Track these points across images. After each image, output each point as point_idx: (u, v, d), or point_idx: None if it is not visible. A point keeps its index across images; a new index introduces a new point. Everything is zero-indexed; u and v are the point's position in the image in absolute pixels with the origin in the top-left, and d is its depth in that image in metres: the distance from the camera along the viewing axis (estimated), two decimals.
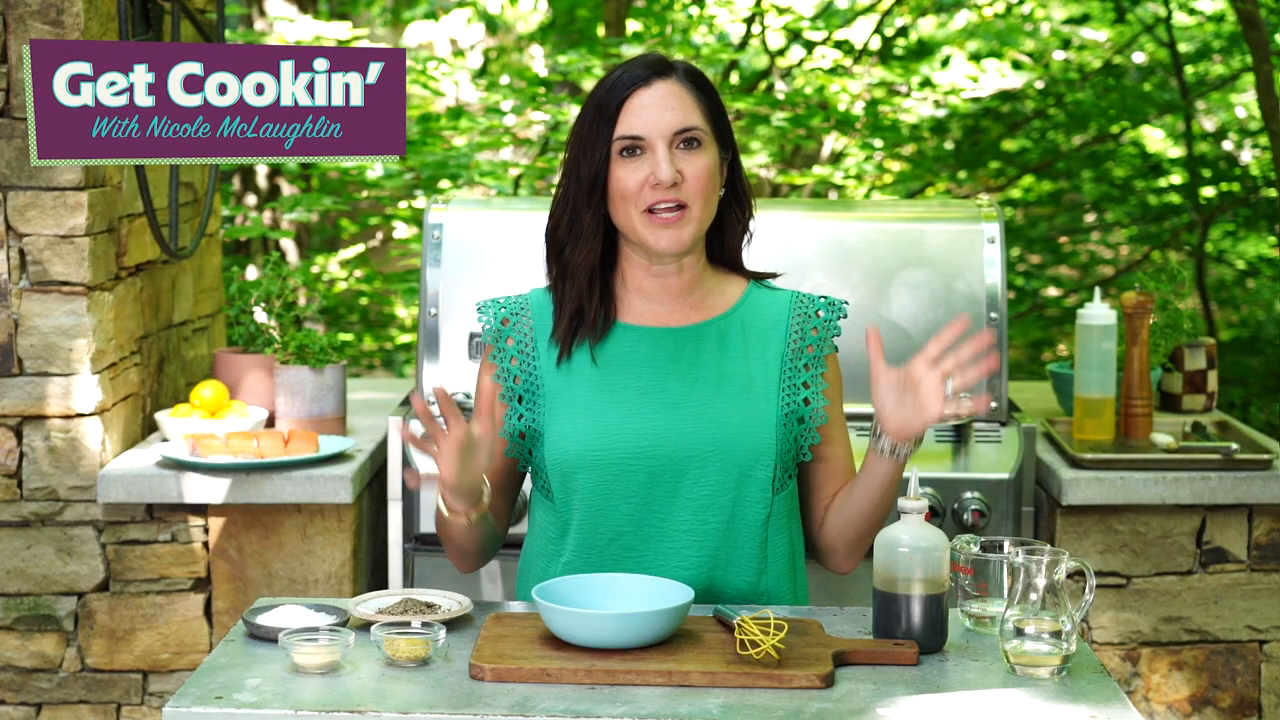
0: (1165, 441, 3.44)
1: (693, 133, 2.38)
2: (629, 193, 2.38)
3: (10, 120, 3.25)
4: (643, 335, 2.46)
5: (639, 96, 2.38)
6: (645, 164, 2.38)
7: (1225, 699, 3.42)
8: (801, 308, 2.50)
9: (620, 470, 2.40)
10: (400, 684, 2.07)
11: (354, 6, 9.18)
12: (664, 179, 2.35)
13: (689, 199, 2.38)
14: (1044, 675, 2.11)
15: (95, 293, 3.32)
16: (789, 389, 2.45)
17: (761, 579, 2.44)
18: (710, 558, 2.41)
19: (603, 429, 2.41)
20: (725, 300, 2.50)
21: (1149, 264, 7.65)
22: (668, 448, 2.39)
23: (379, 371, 7.99)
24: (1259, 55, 6.16)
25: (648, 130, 2.37)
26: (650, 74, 2.40)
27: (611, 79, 2.41)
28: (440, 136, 6.64)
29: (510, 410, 2.47)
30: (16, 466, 3.33)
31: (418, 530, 3.34)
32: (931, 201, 4.45)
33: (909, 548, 2.17)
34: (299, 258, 8.03)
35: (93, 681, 3.38)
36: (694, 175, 2.38)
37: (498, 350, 2.50)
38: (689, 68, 2.44)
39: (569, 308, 2.45)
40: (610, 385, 2.43)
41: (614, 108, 2.38)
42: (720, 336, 2.46)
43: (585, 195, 2.40)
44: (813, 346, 2.48)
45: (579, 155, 2.41)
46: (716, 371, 2.44)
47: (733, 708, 2.00)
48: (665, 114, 2.38)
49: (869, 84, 7.13)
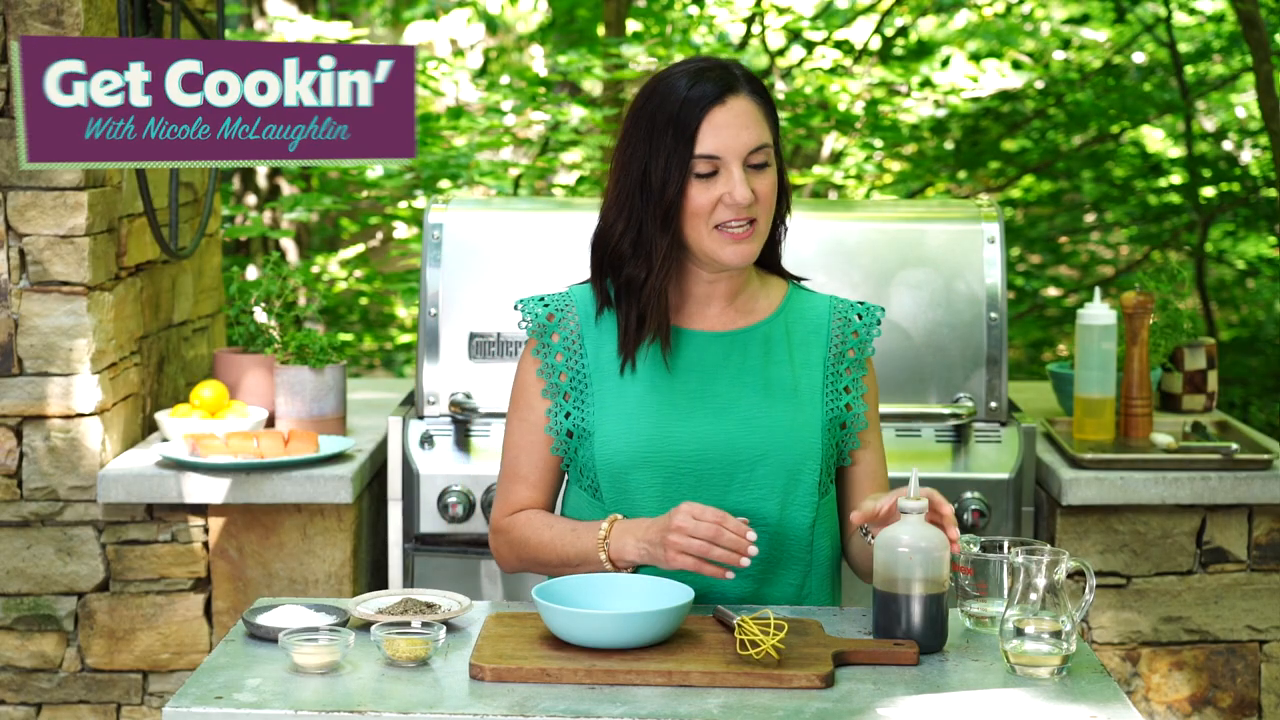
0: (1165, 441, 3.44)
1: (764, 152, 2.39)
2: (702, 210, 2.37)
3: (10, 120, 3.25)
4: (690, 339, 2.46)
5: (715, 115, 2.36)
6: (719, 183, 2.37)
7: (1225, 699, 3.42)
8: (840, 312, 2.52)
9: (670, 473, 2.40)
10: (400, 684, 2.07)
11: (354, 6, 9.18)
12: (741, 201, 2.35)
13: (759, 216, 2.39)
14: (1044, 675, 2.11)
15: (95, 293, 3.32)
16: (832, 393, 2.47)
17: (807, 581, 2.45)
18: (759, 561, 2.40)
19: (654, 432, 2.41)
20: (769, 304, 2.50)
21: (1149, 264, 7.65)
22: (717, 452, 2.40)
23: (379, 371, 7.99)
24: (1259, 55, 6.16)
25: (725, 151, 2.36)
26: (723, 90, 2.38)
27: (680, 93, 2.37)
28: (440, 136, 6.63)
29: (556, 408, 2.47)
30: (16, 466, 3.33)
31: (418, 530, 3.34)
32: (931, 201, 4.45)
33: (909, 548, 2.17)
34: (299, 258, 8.03)
35: (93, 681, 3.38)
36: (764, 194, 2.39)
37: (541, 345, 2.49)
38: (750, 77, 2.42)
39: (634, 320, 2.43)
40: (659, 388, 2.43)
41: (693, 127, 2.36)
42: (766, 341, 2.47)
43: (660, 216, 2.38)
44: (853, 350, 2.50)
45: (649, 170, 2.38)
46: (763, 376, 2.45)
47: (733, 708, 2.00)
48: (741, 134, 2.37)
49: (869, 84, 7.13)
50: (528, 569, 2.50)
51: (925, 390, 3.38)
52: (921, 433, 3.35)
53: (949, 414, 3.31)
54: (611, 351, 2.46)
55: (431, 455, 3.35)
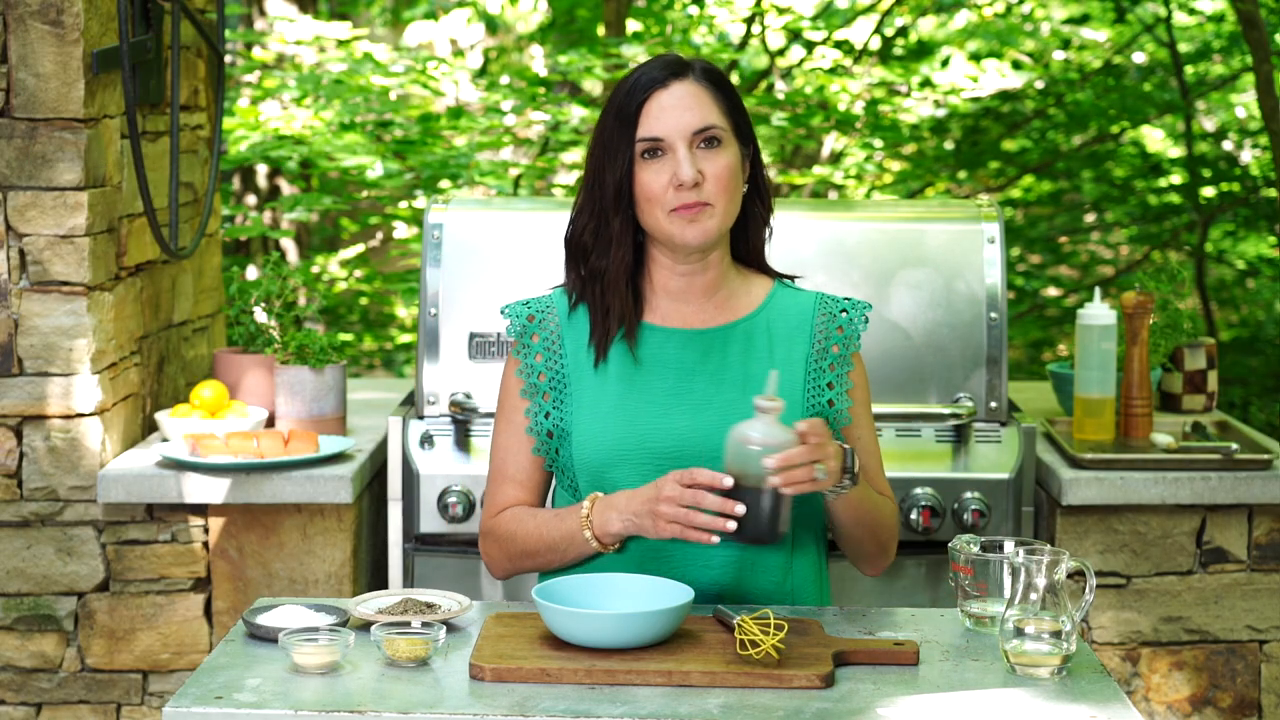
0: (1165, 441, 3.44)
1: (712, 131, 2.39)
2: (654, 195, 2.38)
3: (10, 120, 3.25)
4: (669, 336, 2.46)
5: (657, 98, 2.39)
6: (667, 165, 2.38)
7: (1225, 699, 3.42)
8: (826, 309, 2.51)
9: (648, 471, 2.40)
10: (400, 684, 2.07)
11: (354, 6, 9.18)
12: (686, 179, 2.36)
13: (712, 198, 2.39)
14: (1044, 675, 2.11)
15: (95, 293, 3.32)
16: (814, 390, 2.46)
17: (788, 579, 2.45)
18: (737, 559, 2.41)
19: (630, 430, 2.41)
20: (751, 301, 2.50)
21: (1149, 264, 7.65)
22: (694, 449, 2.40)
23: (379, 371, 7.99)
24: (1259, 55, 6.16)
25: (667, 131, 2.38)
26: (667, 75, 2.40)
27: (629, 82, 2.42)
28: (440, 136, 6.63)
29: (537, 408, 2.48)
30: (16, 466, 3.33)
31: (418, 530, 3.34)
32: (931, 201, 4.45)
33: (759, 445, 2.22)
34: (299, 258, 8.03)
35: (93, 681, 3.38)
36: (715, 174, 2.39)
37: (522, 347, 2.50)
38: (706, 66, 2.44)
39: (601, 312, 2.45)
40: (637, 386, 2.44)
41: (633, 111, 2.39)
42: (746, 337, 2.47)
43: (612, 201, 2.41)
44: (837, 346, 2.49)
45: (602, 161, 2.41)
46: (743, 372, 2.44)
47: (733, 708, 2.00)
48: (684, 114, 2.38)
49: (869, 84, 7.13)
50: (517, 566, 2.49)
51: (925, 390, 3.38)
52: (921, 433, 3.35)
53: (949, 414, 3.31)
54: (588, 349, 2.47)
55: (431, 455, 3.35)
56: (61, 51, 3.22)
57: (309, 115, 6.40)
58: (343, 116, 6.39)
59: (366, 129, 6.54)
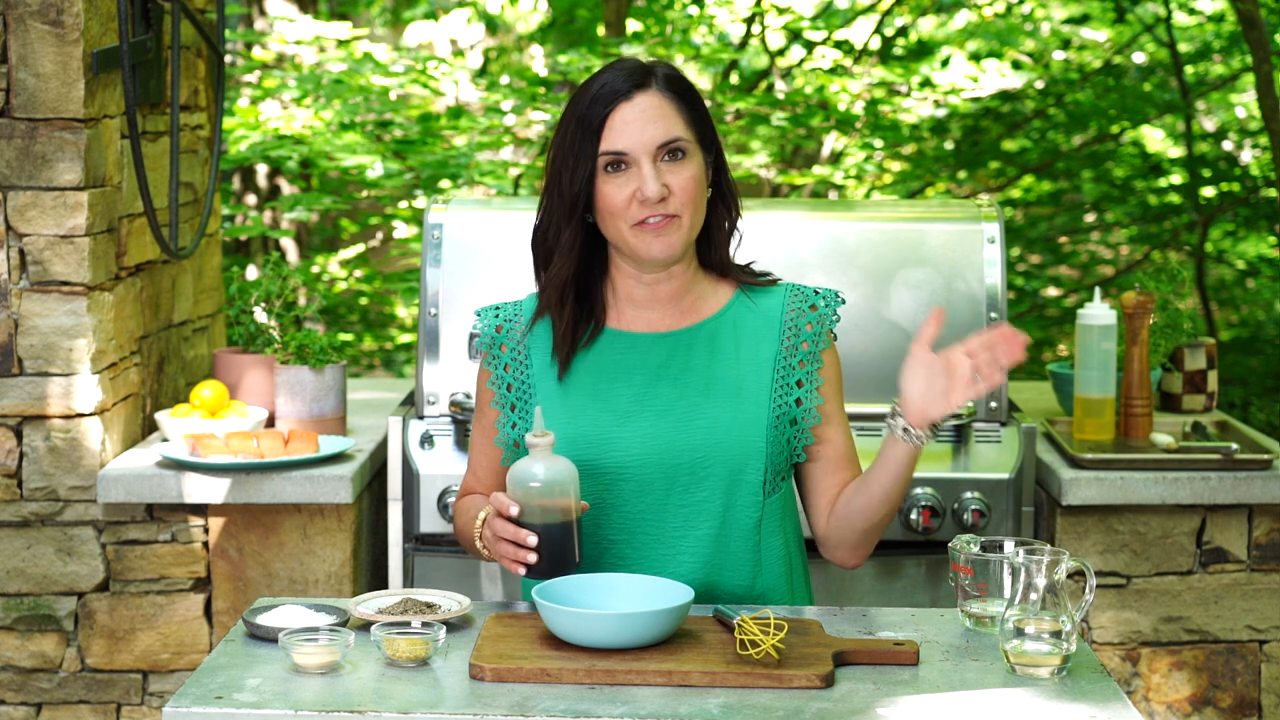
0: (1165, 441, 3.44)
1: (677, 144, 2.37)
2: (617, 209, 2.36)
3: (10, 120, 3.25)
4: (633, 342, 2.45)
5: (621, 111, 2.36)
6: (631, 179, 2.36)
7: (1225, 699, 3.42)
8: (796, 301, 2.48)
9: (611, 479, 2.39)
10: (400, 684, 2.07)
11: (354, 6, 9.18)
12: (651, 195, 2.34)
13: (678, 210, 2.37)
14: (1044, 675, 2.11)
15: (95, 293, 3.32)
16: (781, 389, 2.44)
17: (757, 581, 2.44)
18: (704, 563, 2.40)
19: (594, 438, 2.40)
20: (716, 303, 2.48)
21: (1149, 264, 7.65)
22: (657, 455, 2.39)
23: (379, 371, 7.99)
24: (1259, 55, 6.16)
25: (631, 146, 2.35)
26: (630, 86, 2.37)
27: (591, 92, 2.38)
28: (440, 136, 6.64)
29: (504, 419, 2.48)
30: (16, 466, 3.33)
31: (418, 530, 3.35)
32: (931, 201, 4.45)
33: (539, 482, 2.25)
34: (299, 257, 8.03)
35: (93, 681, 3.38)
36: (681, 186, 2.37)
37: (491, 358, 2.50)
38: (669, 73, 2.41)
39: (563, 319, 2.44)
40: (601, 393, 2.43)
41: (596, 124, 2.36)
42: (710, 340, 2.45)
43: (566, 211, 2.39)
44: (808, 342, 2.46)
45: (561, 169, 2.39)
46: (706, 376, 2.43)
47: (733, 708, 2.00)
48: (648, 128, 2.36)
49: (869, 84, 7.13)
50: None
51: None
52: None
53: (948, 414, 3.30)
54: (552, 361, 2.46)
55: (431, 455, 3.35)
56: (61, 51, 3.22)
57: (309, 115, 6.40)
58: (343, 116, 6.39)
59: (366, 129, 6.54)
